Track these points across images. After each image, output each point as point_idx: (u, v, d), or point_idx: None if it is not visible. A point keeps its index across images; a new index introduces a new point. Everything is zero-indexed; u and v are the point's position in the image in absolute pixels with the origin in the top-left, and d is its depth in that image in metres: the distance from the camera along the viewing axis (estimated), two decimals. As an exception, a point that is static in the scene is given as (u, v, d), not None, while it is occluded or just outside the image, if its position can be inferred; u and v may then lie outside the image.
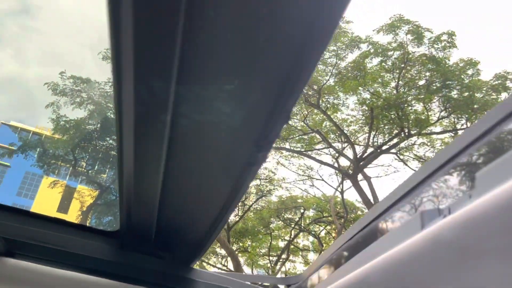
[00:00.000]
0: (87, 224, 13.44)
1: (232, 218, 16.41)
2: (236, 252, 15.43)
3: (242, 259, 16.46)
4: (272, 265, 16.58)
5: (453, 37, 12.34)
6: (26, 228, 1.24)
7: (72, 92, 13.70)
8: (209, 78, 0.73)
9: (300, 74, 0.69)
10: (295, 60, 0.67)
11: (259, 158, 0.84)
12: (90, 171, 15.55)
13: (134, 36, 0.62)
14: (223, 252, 16.10)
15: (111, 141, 14.09)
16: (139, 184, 0.98)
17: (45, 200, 31.98)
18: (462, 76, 12.12)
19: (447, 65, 12.30)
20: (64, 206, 31.64)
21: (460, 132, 12.73)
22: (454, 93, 12.31)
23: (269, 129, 0.79)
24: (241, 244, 16.73)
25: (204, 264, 16.48)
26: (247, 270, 16.99)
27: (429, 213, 0.84)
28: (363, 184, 13.41)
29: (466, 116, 12.24)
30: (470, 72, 12.28)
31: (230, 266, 15.69)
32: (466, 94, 12.04)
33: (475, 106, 11.80)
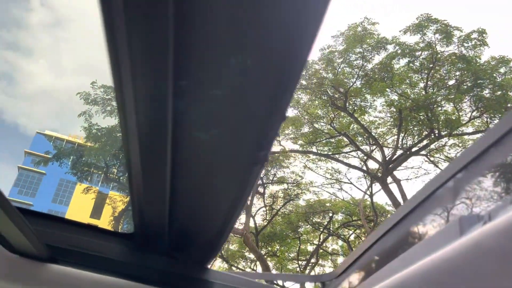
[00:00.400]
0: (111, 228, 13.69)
1: (260, 222, 16.43)
2: (265, 256, 15.41)
3: (271, 263, 16.43)
4: (301, 269, 16.47)
5: (484, 35, 12.01)
6: (64, 235, 1.29)
7: (103, 101, 14.09)
8: (207, 81, 0.76)
9: (290, 74, 0.72)
10: (285, 61, 0.71)
11: (261, 157, 0.87)
12: (121, 178, 15.91)
13: (129, 46, 0.66)
14: (252, 256, 16.12)
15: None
16: (148, 187, 1.01)
17: (79, 206, 32.92)
18: (494, 75, 11.76)
19: (478, 64, 11.96)
20: (96, 212, 32.49)
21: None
22: (486, 92, 11.95)
23: (268, 128, 0.82)
24: (269, 248, 16.70)
25: (234, 268, 16.54)
26: (276, 274, 16.92)
27: (468, 219, 0.83)
28: (393, 187, 13.18)
29: (499, 115, 11.85)
30: (502, 70, 11.90)
31: (259, 270, 15.68)
32: (499, 93, 11.66)
33: (509, 105, 11.41)
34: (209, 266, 1.43)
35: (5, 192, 0.76)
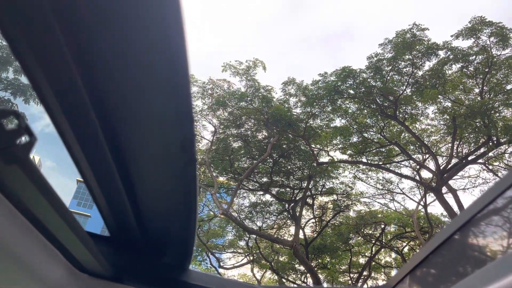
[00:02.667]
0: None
1: (310, 234, 16.26)
2: (315, 269, 15.22)
3: (321, 276, 16.18)
4: (353, 281, 16.08)
5: (544, 35, 11.35)
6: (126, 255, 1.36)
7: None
8: (111, 93, 0.82)
9: (179, 76, 0.77)
10: (170, 67, 0.76)
11: (187, 158, 0.94)
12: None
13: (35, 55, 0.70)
14: (302, 268, 15.97)
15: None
16: (107, 197, 1.07)
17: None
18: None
19: (538, 66, 11.31)
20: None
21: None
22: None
23: (182, 129, 0.89)
24: (320, 260, 16.47)
25: (284, 280, 16.45)
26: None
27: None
28: (448, 197, 12.63)
29: None
30: None
31: (310, 282, 15.49)
32: None
33: None
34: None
35: (66, 203, 0.86)
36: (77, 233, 0.94)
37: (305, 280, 16.52)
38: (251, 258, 17.70)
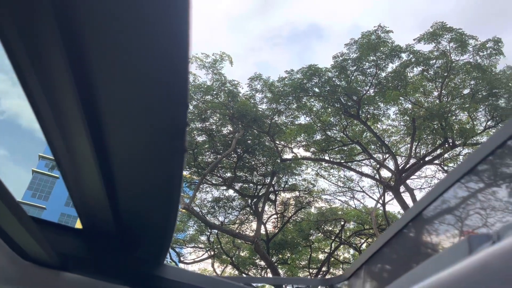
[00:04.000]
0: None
1: (271, 229, 16.37)
2: (276, 264, 15.35)
3: (281, 271, 16.36)
4: (312, 277, 16.36)
5: (499, 44, 11.88)
6: (76, 243, 1.30)
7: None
8: (104, 75, 0.77)
9: (178, 59, 0.72)
10: (166, 55, 0.72)
11: (177, 146, 0.89)
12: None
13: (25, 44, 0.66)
14: (262, 263, 16.08)
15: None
16: (81, 185, 1.03)
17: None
18: (510, 84, 11.61)
19: (493, 73, 11.84)
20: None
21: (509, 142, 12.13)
22: (501, 102, 11.80)
23: (174, 118, 0.85)
24: (280, 256, 16.64)
25: (244, 275, 16.50)
26: (286, 282, 16.85)
27: (478, 238, 0.85)
28: (406, 196, 13.05)
29: (515, 125, 11.67)
30: (518, 79, 11.75)
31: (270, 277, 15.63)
32: (515, 102, 11.52)
33: (525, 114, 11.25)
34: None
35: (19, 195, 0.80)
36: (20, 220, 0.88)
37: (265, 275, 16.64)
38: (212, 253, 17.64)
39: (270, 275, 15.21)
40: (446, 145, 12.46)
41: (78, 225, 1.33)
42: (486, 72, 11.78)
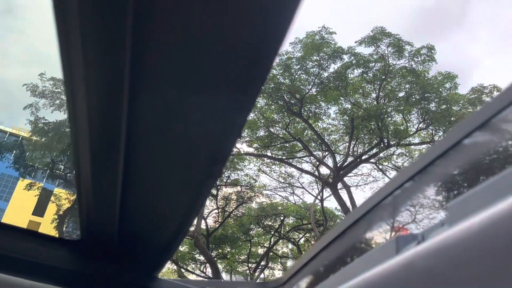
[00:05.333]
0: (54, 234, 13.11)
1: (212, 224, 16.31)
2: (215, 259, 15.32)
3: (221, 266, 16.35)
4: (251, 271, 16.53)
5: (432, 51, 12.64)
6: (1, 240, 1.22)
7: (52, 94, 13.47)
8: (162, 96, 0.74)
9: (248, 93, 0.72)
10: (243, 78, 0.70)
11: (214, 172, 0.88)
12: (68, 175, 15.25)
13: (83, 40, 0.62)
14: (202, 258, 15.97)
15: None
16: (98, 192, 0.97)
17: (21, 203, 31.19)
18: (440, 89, 12.41)
19: (426, 78, 12.58)
20: (40, 209, 30.93)
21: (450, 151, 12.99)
22: (432, 106, 12.58)
23: (223, 144, 0.83)
24: (220, 250, 16.62)
25: (183, 270, 16.31)
26: (225, 276, 16.88)
27: (404, 238, 0.87)
28: (343, 193, 13.55)
29: (443, 128, 12.51)
30: (447, 85, 12.59)
31: (209, 272, 15.57)
32: (443, 106, 12.32)
33: (452, 118, 12.08)
34: (158, 275, 1.41)
35: None
36: None
37: (205, 270, 16.57)
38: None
39: (209, 270, 15.16)
40: (382, 145, 13.08)
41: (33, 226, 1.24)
42: (420, 77, 12.49)
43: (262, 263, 16.60)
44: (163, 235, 1.20)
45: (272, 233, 16.34)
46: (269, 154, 15.08)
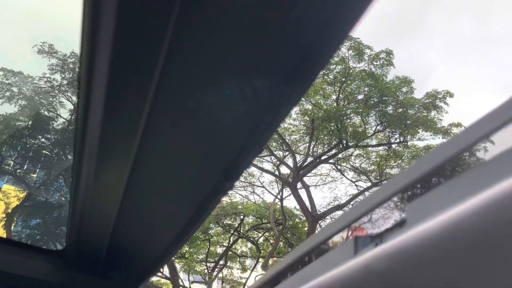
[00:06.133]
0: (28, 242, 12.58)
1: (170, 223, 16.02)
2: (173, 258, 15.09)
3: (178, 266, 16.13)
4: (209, 271, 16.42)
5: (391, 55, 13.03)
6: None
7: (1, 86, 12.77)
8: (185, 105, 0.70)
9: (278, 111, 0.68)
10: (273, 97, 0.67)
11: (226, 187, 0.83)
12: (18, 170, 14.52)
13: (113, 46, 0.57)
14: (159, 258, 15.69)
15: (43, 140, 13.27)
16: (96, 201, 0.92)
17: (-35, 200, 29.45)
18: (397, 93, 12.82)
19: (384, 82, 12.95)
20: (-14, 206, 29.30)
21: (393, 145, 13.45)
22: (390, 109, 12.98)
23: (241, 160, 0.78)
24: (178, 250, 16.40)
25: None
26: (183, 276, 16.69)
27: (362, 240, 0.85)
28: (302, 192, 13.72)
29: (399, 130, 12.95)
30: (404, 89, 13.02)
31: (166, 271, 15.33)
32: (400, 110, 12.74)
33: (408, 122, 12.53)
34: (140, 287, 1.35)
35: None
36: None
37: (161, 269, 16.29)
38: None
39: (166, 268, 14.91)
40: (340, 146, 13.36)
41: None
42: (378, 81, 12.85)
43: (221, 262, 16.52)
44: (156, 248, 1.15)
45: (232, 232, 16.30)
46: (230, 153, 15.03)
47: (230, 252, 16.73)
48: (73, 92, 13.62)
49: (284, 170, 15.26)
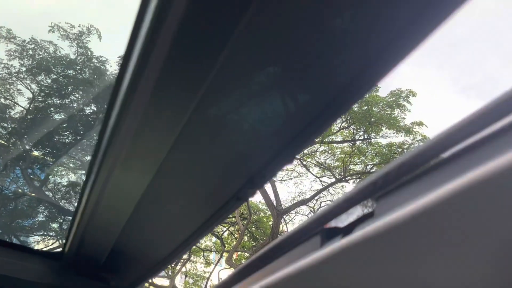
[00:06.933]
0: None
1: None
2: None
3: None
4: (172, 265, 16.28)
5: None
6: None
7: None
8: (226, 117, 0.69)
9: (312, 130, 0.67)
10: (314, 115, 0.67)
11: (247, 194, 0.82)
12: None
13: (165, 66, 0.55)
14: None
15: (-1, 129, 12.68)
16: (108, 208, 0.88)
17: None
18: (362, 91, 13.10)
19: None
20: None
21: (358, 142, 13.75)
22: (355, 106, 13.25)
23: (269, 169, 0.77)
24: (141, 244, 16.17)
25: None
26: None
27: (329, 232, 0.85)
28: (268, 187, 13.80)
29: (364, 128, 13.25)
30: (369, 88, 13.32)
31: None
32: (365, 108, 13.03)
33: (372, 119, 12.83)
34: None
35: None
36: None
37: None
38: (65, 241, 16.27)
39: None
40: (306, 142, 13.52)
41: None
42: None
43: (185, 256, 16.41)
44: (161, 251, 1.13)
45: (196, 226, 16.21)
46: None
47: (194, 247, 16.64)
48: (32, 79, 13.06)
49: (250, 164, 15.31)
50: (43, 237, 14.33)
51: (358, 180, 13.93)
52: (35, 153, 14.10)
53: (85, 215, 0.95)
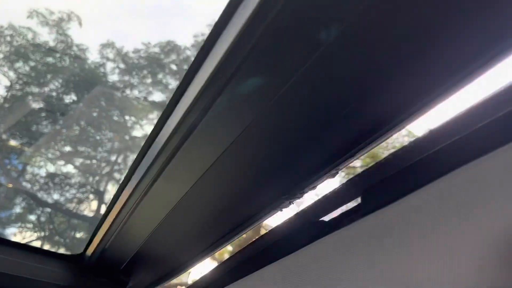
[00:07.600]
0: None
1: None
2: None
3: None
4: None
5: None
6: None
7: None
8: (279, 130, 0.70)
9: (361, 143, 0.68)
10: (364, 131, 0.66)
11: (283, 205, 0.83)
12: None
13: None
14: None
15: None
16: (141, 217, 0.88)
17: None
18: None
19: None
20: None
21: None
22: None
23: (310, 183, 0.77)
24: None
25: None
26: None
27: (317, 226, 0.86)
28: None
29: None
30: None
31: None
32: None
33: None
34: None
35: None
36: None
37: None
38: (43, 234, 16.02)
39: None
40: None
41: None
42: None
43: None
44: (183, 256, 1.12)
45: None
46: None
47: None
48: (10, 66, 12.74)
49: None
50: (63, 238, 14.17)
51: (345, 174, 14.09)
52: (12, 142, 13.77)
53: (116, 222, 0.95)
